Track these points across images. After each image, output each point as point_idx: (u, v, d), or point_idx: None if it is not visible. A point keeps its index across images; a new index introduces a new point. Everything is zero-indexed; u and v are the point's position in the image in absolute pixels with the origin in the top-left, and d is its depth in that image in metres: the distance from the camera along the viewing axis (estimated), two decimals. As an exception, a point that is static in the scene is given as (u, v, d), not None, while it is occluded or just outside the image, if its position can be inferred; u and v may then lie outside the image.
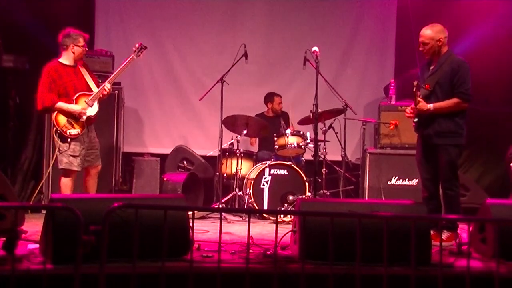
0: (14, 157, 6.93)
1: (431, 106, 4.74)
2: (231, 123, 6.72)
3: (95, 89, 5.38)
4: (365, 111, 7.97)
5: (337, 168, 7.21)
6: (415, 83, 4.75)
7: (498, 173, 7.61)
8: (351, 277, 3.44)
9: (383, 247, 3.11)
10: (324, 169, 6.66)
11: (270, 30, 8.13)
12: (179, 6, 7.97)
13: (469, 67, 4.79)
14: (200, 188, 6.62)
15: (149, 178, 6.72)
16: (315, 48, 5.72)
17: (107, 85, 5.35)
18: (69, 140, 5.24)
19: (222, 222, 3.27)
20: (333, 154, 7.02)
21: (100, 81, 5.70)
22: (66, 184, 5.33)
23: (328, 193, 6.74)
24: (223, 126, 6.51)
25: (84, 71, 5.45)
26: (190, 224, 3.68)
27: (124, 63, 5.48)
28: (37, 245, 4.01)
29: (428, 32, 4.82)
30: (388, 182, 6.73)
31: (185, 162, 7.18)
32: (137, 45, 5.58)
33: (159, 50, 7.90)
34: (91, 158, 5.44)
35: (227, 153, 6.81)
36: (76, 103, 5.27)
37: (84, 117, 5.27)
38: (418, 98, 4.75)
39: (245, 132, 6.69)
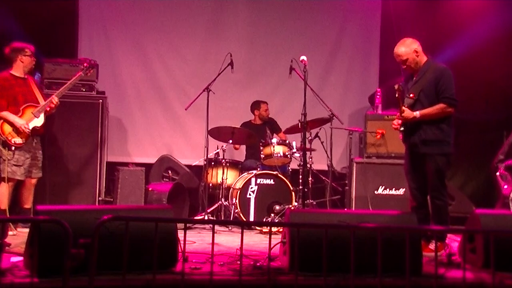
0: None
1: (417, 113, 4.70)
2: (217, 132, 6.67)
3: (42, 102, 5.57)
4: (349, 119, 7.98)
5: (323, 178, 7.18)
6: (396, 86, 4.69)
7: (481, 181, 7.63)
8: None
9: (374, 257, 3.08)
10: (310, 178, 6.62)
11: (254, 38, 8.12)
12: (162, 15, 7.93)
13: (451, 74, 4.78)
14: (185, 198, 6.56)
15: (134, 188, 6.63)
16: (303, 58, 5.62)
17: (55, 98, 5.55)
18: (13, 148, 5.38)
19: (209, 232, 3.22)
20: (318, 163, 6.98)
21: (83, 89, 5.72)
22: (3, 192, 5.39)
23: (315, 203, 6.71)
24: (208, 135, 6.46)
25: (33, 85, 5.64)
26: (179, 236, 3.63)
27: (72, 79, 5.70)
28: (21, 258, 3.92)
29: (402, 49, 4.79)
30: (375, 192, 6.73)
31: (170, 172, 7.12)
32: (85, 64, 5.81)
33: (143, 59, 7.86)
34: (33, 169, 5.60)
35: (212, 163, 6.75)
36: (22, 113, 5.44)
37: (28, 130, 5.40)
38: (403, 107, 4.74)
39: (230, 141, 6.65)
